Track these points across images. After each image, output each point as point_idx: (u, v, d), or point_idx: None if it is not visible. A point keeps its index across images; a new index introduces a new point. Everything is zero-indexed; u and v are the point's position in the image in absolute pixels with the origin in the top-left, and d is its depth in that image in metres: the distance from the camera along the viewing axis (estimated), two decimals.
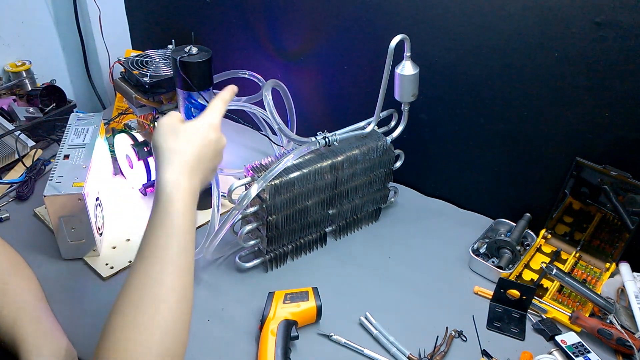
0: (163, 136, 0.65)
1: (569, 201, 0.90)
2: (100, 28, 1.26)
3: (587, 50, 0.79)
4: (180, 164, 0.63)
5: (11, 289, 0.74)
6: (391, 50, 0.81)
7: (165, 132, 0.65)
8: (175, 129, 0.66)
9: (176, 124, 0.66)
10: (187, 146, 0.65)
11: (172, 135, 0.65)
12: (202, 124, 0.67)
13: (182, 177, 0.62)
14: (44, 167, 1.07)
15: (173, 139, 0.65)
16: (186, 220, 0.61)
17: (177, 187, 0.61)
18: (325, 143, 0.86)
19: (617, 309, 0.80)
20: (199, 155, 0.65)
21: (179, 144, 0.64)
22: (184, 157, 0.64)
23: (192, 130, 0.66)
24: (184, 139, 0.65)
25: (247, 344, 0.75)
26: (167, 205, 0.61)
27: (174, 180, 0.62)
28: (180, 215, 0.61)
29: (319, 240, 0.93)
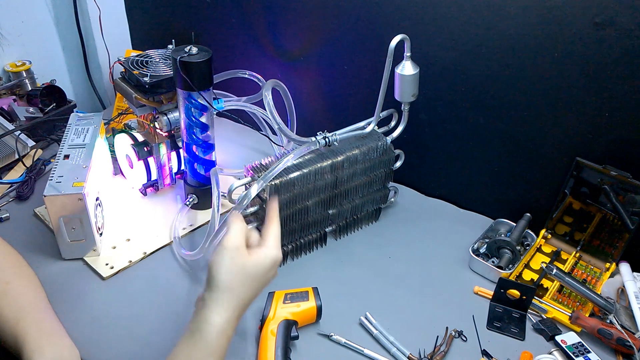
0: (226, 272, 0.60)
1: (569, 201, 0.90)
2: (100, 28, 1.26)
3: (587, 50, 0.79)
4: (235, 309, 0.60)
5: (13, 289, 0.74)
6: (391, 50, 0.81)
7: (229, 267, 0.61)
8: (243, 265, 0.61)
9: (242, 257, 0.61)
10: (248, 289, 0.62)
11: (236, 275, 0.61)
12: (271, 261, 0.63)
13: (231, 324, 0.60)
14: (44, 167, 1.07)
15: (235, 278, 0.60)
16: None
17: (222, 335, 0.58)
18: (325, 143, 0.86)
19: (617, 309, 0.80)
20: (255, 296, 0.63)
21: (242, 285, 0.61)
22: (241, 302, 0.61)
23: (259, 270, 0.62)
24: (248, 281, 0.61)
25: (247, 344, 0.75)
26: (205, 352, 0.58)
27: (221, 329, 0.58)
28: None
29: (319, 240, 0.93)
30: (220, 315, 0.59)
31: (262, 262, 0.63)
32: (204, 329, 0.58)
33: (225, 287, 0.60)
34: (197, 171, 0.96)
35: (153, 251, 0.90)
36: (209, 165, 0.96)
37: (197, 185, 0.97)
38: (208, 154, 0.95)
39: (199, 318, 0.59)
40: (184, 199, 1.00)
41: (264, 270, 0.63)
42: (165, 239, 0.92)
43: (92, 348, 0.73)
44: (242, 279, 0.61)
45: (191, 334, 0.59)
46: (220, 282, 0.60)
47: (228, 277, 0.60)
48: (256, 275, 0.62)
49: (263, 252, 0.64)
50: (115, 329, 0.76)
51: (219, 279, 0.60)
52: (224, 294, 0.60)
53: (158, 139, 0.96)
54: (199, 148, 0.93)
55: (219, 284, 0.60)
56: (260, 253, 0.63)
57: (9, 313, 0.70)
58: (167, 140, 0.97)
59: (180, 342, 0.60)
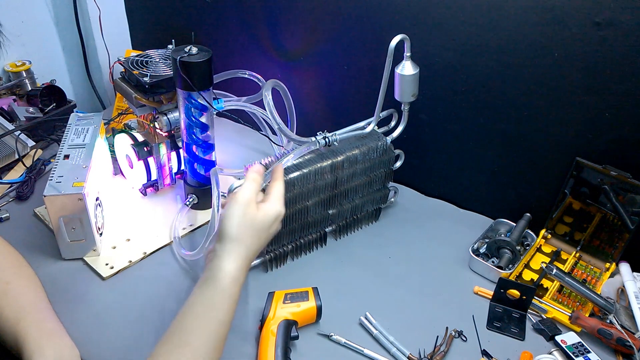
0: (237, 224, 0.66)
1: (569, 201, 0.90)
2: (100, 28, 1.26)
3: (587, 50, 0.79)
4: (245, 259, 0.66)
5: (13, 289, 0.74)
6: (391, 50, 0.81)
7: (240, 220, 0.66)
8: (253, 218, 0.67)
9: (252, 211, 0.67)
10: (256, 240, 0.67)
11: (246, 228, 0.66)
12: (275, 215, 0.69)
13: (242, 272, 0.65)
14: (44, 167, 1.07)
15: (245, 231, 0.66)
16: (231, 315, 0.64)
17: (235, 282, 0.64)
18: (325, 143, 0.86)
19: (617, 309, 0.80)
20: (261, 247, 0.69)
21: (250, 237, 0.66)
22: (250, 252, 0.66)
23: (265, 223, 0.68)
24: (256, 233, 0.67)
25: (247, 344, 0.75)
26: (220, 297, 0.63)
27: (234, 276, 0.63)
28: (229, 311, 0.63)
29: (319, 240, 0.93)
30: (233, 264, 0.64)
31: (268, 216, 0.69)
32: (218, 276, 0.63)
33: (237, 238, 0.65)
34: (197, 171, 0.96)
35: (153, 251, 0.90)
36: (209, 165, 0.96)
37: (197, 185, 0.97)
38: (208, 154, 0.95)
39: (213, 266, 0.64)
40: (184, 199, 1.00)
41: (270, 223, 0.69)
42: (165, 239, 0.92)
43: (92, 348, 0.73)
44: (251, 231, 0.67)
45: (206, 282, 0.64)
46: (232, 234, 0.65)
47: (239, 230, 0.66)
48: (263, 228, 0.68)
49: (268, 206, 0.69)
50: (115, 329, 0.76)
51: (231, 231, 0.65)
52: (235, 244, 0.65)
53: (158, 139, 0.96)
54: (199, 148, 0.93)
55: (231, 235, 0.65)
56: (267, 208, 0.69)
57: (9, 313, 0.70)
58: (167, 140, 0.97)
59: (196, 290, 0.64)
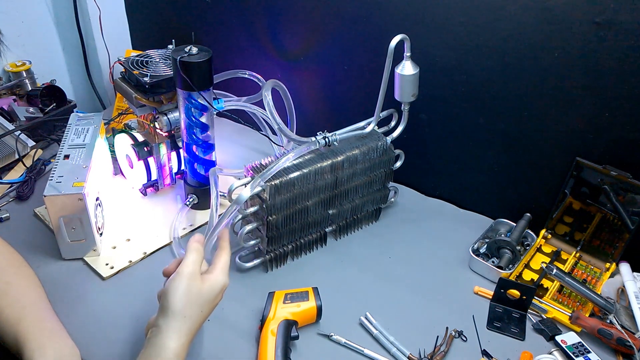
0: (182, 299, 0.64)
1: (569, 201, 0.90)
2: (100, 28, 1.26)
3: (587, 50, 0.79)
4: (189, 334, 0.64)
5: (13, 289, 0.74)
6: (391, 50, 0.81)
7: (185, 294, 0.64)
8: (198, 291, 0.65)
9: (197, 285, 0.65)
10: (200, 313, 0.65)
11: (191, 302, 0.64)
12: (220, 287, 0.68)
13: (185, 348, 0.63)
14: (44, 167, 1.07)
15: (190, 306, 0.64)
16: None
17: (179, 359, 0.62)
18: (325, 143, 0.86)
19: (617, 309, 0.80)
20: (205, 319, 0.67)
21: (195, 311, 0.65)
22: (194, 326, 0.65)
23: (210, 295, 0.67)
24: (200, 307, 0.65)
25: (247, 344, 0.75)
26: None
27: (178, 353, 0.62)
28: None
29: (319, 240, 0.93)
30: (177, 341, 0.62)
31: (213, 289, 0.67)
32: (160, 354, 0.61)
33: (181, 314, 0.63)
34: (197, 171, 0.96)
35: (153, 251, 0.90)
36: (209, 165, 0.96)
37: (197, 185, 0.97)
38: (208, 154, 0.95)
39: (155, 344, 0.62)
40: (184, 199, 1.00)
41: (215, 295, 0.67)
42: (165, 239, 0.92)
43: (92, 348, 0.73)
44: (196, 305, 0.65)
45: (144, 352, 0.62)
46: (176, 310, 0.63)
47: (184, 304, 0.64)
48: (208, 300, 0.67)
49: (213, 278, 0.68)
50: (115, 329, 0.76)
51: (175, 306, 0.63)
52: (180, 320, 0.63)
53: (158, 139, 0.96)
54: (199, 148, 0.93)
55: (175, 311, 0.63)
56: (212, 280, 0.68)
57: (9, 313, 0.70)
58: (167, 140, 0.97)
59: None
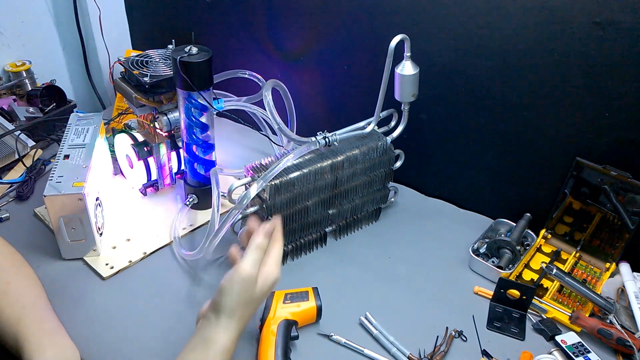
0: (237, 301, 0.65)
1: (569, 201, 0.90)
2: (100, 28, 1.26)
3: (587, 50, 0.79)
4: (238, 330, 0.66)
5: (13, 288, 0.74)
6: (391, 50, 0.81)
7: (241, 297, 0.65)
8: (252, 293, 0.66)
9: (252, 287, 0.66)
10: (252, 311, 0.68)
11: (245, 304, 0.65)
12: (272, 281, 0.68)
13: (234, 342, 0.65)
14: (44, 167, 1.07)
15: (243, 307, 0.65)
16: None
17: (227, 353, 0.64)
18: (325, 143, 0.86)
19: (617, 309, 0.80)
20: (254, 312, 0.68)
21: (247, 311, 0.66)
22: (244, 322, 0.67)
23: (262, 292, 0.67)
24: (253, 305, 0.67)
25: (247, 344, 0.75)
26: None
27: (227, 348, 0.64)
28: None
29: (319, 240, 0.93)
30: (226, 337, 0.64)
31: (265, 285, 0.67)
32: (211, 346, 0.63)
33: (235, 314, 0.65)
34: (197, 171, 0.96)
35: (153, 251, 0.90)
36: (209, 165, 0.96)
37: (197, 185, 0.97)
38: (208, 154, 0.95)
39: (206, 336, 0.64)
40: (184, 199, 1.00)
41: (266, 291, 0.68)
42: (165, 239, 0.92)
43: (92, 348, 0.73)
44: (249, 306, 0.66)
45: (197, 348, 0.64)
46: (230, 311, 0.64)
47: (237, 305, 0.65)
48: (260, 298, 0.68)
49: (266, 274, 0.68)
50: (115, 329, 0.76)
51: (230, 307, 0.64)
52: (232, 320, 0.65)
53: (158, 139, 0.96)
54: (199, 148, 0.93)
55: (227, 310, 0.64)
56: (265, 275, 0.67)
57: (9, 313, 0.70)
58: (167, 140, 0.97)
59: (186, 354, 0.63)
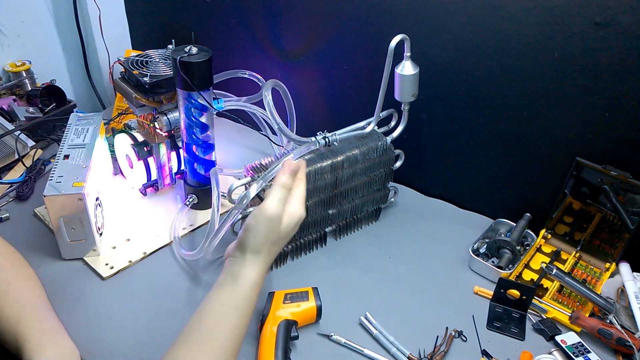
0: (261, 240, 0.67)
1: (569, 201, 0.90)
2: (100, 28, 1.26)
3: (587, 50, 0.79)
4: (265, 266, 0.68)
5: (13, 288, 0.74)
6: (391, 50, 0.81)
7: (265, 235, 0.67)
8: (277, 232, 0.68)
9: (277, 225, 0.68)
10: (277, 248, 0.70)
11: (270, 242, 0.68)
12: (297, 220, 0.70)
13: (261, 278, 0.68)
14: (44, 167, 1.07)
15: (269, 245, 0.68)
16: (248, 318, 0.66)
17: (254, 289, 0.67)
18: (325, 143, 0.86)
19: (617, 309, 0.80)
20: (281, 249, 0.71)
21: (272, 248, 0.69)
22: (270, 259, 0.69)
23: (287, 231, 0.69)
24: (277, 243, 0.69)
25: (247, 344, 0.75)
26: (240, 301, 0.65)
27: (254, 282, 0.66)
28: (247, 314, 0.66)
29: (319, 240, 0.93)
30: (254, 272, 0.66)
31: (291, 224, 0.69)
32: (238, 282, 0.66)
33: (260, 250, 0.67)
34: (197, 171, 0.96)
35: (153, 251, 0.90)
36: (209, 165, 0.96)
37: (197, 185, 0.97)
38: (208, 154, 0.95)
39: (233, 272, 0.67)
40: (184, 199, 1.00)
41: (292, 229, 0.70)
42: (165, 239, 0.92)
43: (92, 348, 0.73)
44: (274, 244, 0.69)
45: (225, 285, 0.66)
46: (255, 248, 0.67)
47: (263, 245, 0.67)
48: (285, 236, 0.70)
49: (291, 212, 0.69)
50: (115, 329, 0.76)
51: (254, 245, 0.67)
52: (257, 256, 0.67)
53: (158, 139, 0.96)
54: (199, 148, 0.93)
55: (253, 249, 0.67)
56: (290, 214, 0.69)
57: (9, 313, 0.70)
58: (167, 140, 0.97)
59: (214, 292, 0.66)
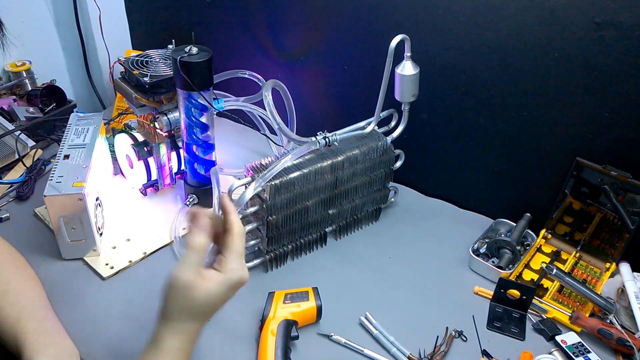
0: (178, 308, 0.59)
1: (569, 201, 0.90)
2: (100, 28, 1.26)
3: (587, 50, 0.79)
4: (187, 334, 0.60)
5: (14, 288, 0.74)
6: (391, 50, 0.81)
7: (182, 303, 0.59)
8: (194, 300, 0.59)
9: (195, 293, 0.58)
10: (200, 318, 0.61)
11: (188, 311, 0.59)
12: (226, 288, 0.60)
13: (184, 344, 0.60)
14: (44, 167, 1.07)
15: (187, 313, 0.59)
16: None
17: (174, 355, 0.59)
18: (325, 143, 0.86)
19: (617, 309, 0.80)
20: (213, 313, 0.62)
21: (192, 318, 0.60)
22: (193, 328, 0.60)
23: (212, 300, 0.60)
24: (200, 313, 0.60)
25: (247, 344, 0.75)
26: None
27: (174, 350, 0.59)
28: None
29: (319, 240, 0.93)
30: (171, 342, 0.59)
31: (217, 291, 0.59)
32: (158, 346, 0.59)
33: (177, 320, 0.60)
34: (197, 171, 0.96)
35: (153, 251, 0.90)
36: (209, 165, 0.96)
37: (197, 185, 0.97)
38: (208, 154, 0.95)
39: (155, 335, 0.60)
40: (184, 199, 1.00)
41: (220, 296, 0.60)
42: (165, 239, 0.92)
43: (92, 348, 0.73)
44: (193, 313, 0.60)
45: (148, 346, 0.60)
46: (171, 316, 0.60)
47: (179, 313, 0.59)
48: (209, 304, 0.60)
49: (220, 278, 0.59)
50: (115, 329, 0.76)
51: (170, 313, 0.60)
52: (175, 323, 0.60)
53: (158, 139, 0.96)
54: (199, 148, 0.93)
55: (170, 317, 0.60)
56: (217, 280, 0.59)
57: (9, 312, 0.70)
58: (167, 140, 0.97)
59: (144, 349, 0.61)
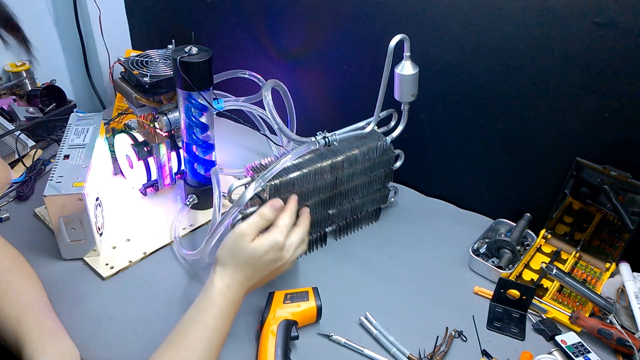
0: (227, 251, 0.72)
1: (569, 201, 0.90)
2: (100, 28, 1.26)
3: (587, 50, 0.79)
4: (234, 279, 0.72)
5: (14, 288, 0.74)
6: (391, 50, 0.81)
7: (232, 248, 0.72)
8: (241, 250, 0.72)
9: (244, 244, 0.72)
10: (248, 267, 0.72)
11: (235, 257, 0.72)
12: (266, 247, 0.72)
13: (230, 289, 0.71)
14: (44, 167, 1.07)
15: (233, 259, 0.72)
16: (221, 323, 0.70)
17: (222, 295, 0.70)
18: (325, 143, 0.86)
19: (617, 309, 0.80)
20: (258, 272, 0.74)
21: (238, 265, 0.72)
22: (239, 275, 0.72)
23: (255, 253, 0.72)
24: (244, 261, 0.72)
25: (247, 344, 0.75)
26: (209, 305, 0.70)
27: (221, 289, 0.71)
28: (219, 318, 0.69)
29: (319, 240, 0.93)
30: (222, 281, 0.71)
31: (259, 247, 0.72)
32: (209, 288, 0.71)
33: (226, 263, 0.72)
34: (197, 171, 0.96)
35: (153, 251, 0.90)
36: (209, 165, 0.96)
37: (197, 185, 0.97)
38: (208, 154, 0.95)
39: (208, 281, 0.72)
40: (184, 199, 1.00)
41: (261, 253, 0.72)
42: (165, 239, 0.92)
43: (92, 348, 0.73)
44: (239, 260, 0.72)
45: (201, 292, 0.72)
46: (222, 259, 0.73)
47: (226, 257, 0.72)
48: (257, 257, 0.72)
49: (264, 237, 0.73)
50: (115, 329, 0.76)
51: (221, 256, 0.73)
52: (225, 268, 0.72)
53: (158, 139, 0.96)
54: (199, 148, 0.93)
55: (221, 260, 0.73)
56: (262, 239, 0.73)
57: (10, 312, 0.70)
58: (167, 140, 0.97)
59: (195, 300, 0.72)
